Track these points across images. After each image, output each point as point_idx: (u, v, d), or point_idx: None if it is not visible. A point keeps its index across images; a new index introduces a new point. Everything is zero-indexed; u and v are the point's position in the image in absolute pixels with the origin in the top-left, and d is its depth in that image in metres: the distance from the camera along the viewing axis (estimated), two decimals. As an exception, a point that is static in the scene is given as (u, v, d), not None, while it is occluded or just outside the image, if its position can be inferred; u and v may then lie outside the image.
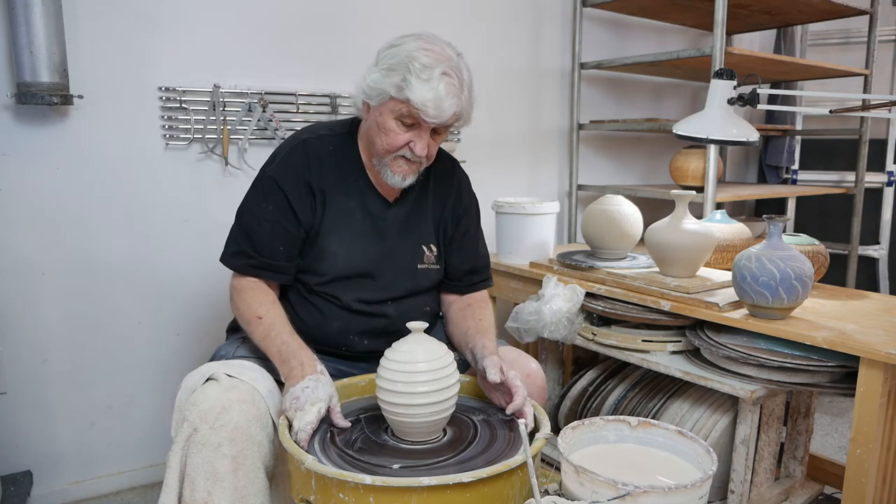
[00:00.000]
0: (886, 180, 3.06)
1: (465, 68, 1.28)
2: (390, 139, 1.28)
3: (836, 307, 1.65)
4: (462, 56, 1.29)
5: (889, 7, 3.07)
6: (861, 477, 1.37)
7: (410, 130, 1.28)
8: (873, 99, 2.10)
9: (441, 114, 1.23)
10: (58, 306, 1.89)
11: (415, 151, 1.28)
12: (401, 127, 1.27)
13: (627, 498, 0.92)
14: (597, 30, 2.78)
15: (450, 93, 1.23)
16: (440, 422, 1.16)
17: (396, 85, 1.23)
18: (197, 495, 1.12)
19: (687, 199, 1.76)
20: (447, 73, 1.23)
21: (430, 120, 1.24)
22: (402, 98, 1.23)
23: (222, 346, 1.43)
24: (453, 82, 1.23)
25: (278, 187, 1.33)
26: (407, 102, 1.23)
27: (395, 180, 1.33)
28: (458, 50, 1.29)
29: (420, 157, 1.30)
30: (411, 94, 1.21)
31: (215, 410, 1.14)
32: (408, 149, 1.29)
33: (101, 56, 1.84)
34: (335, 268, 1.36)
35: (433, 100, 1.21)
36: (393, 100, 1.25)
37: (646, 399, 1.82)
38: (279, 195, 1.33)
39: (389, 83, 1.23)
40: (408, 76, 1.21)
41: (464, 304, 1.49)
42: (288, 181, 1.33)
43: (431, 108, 1.22)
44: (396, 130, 1.27)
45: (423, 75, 1.21)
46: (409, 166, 1.32)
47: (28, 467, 1.90)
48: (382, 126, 1.28)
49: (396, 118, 1.26)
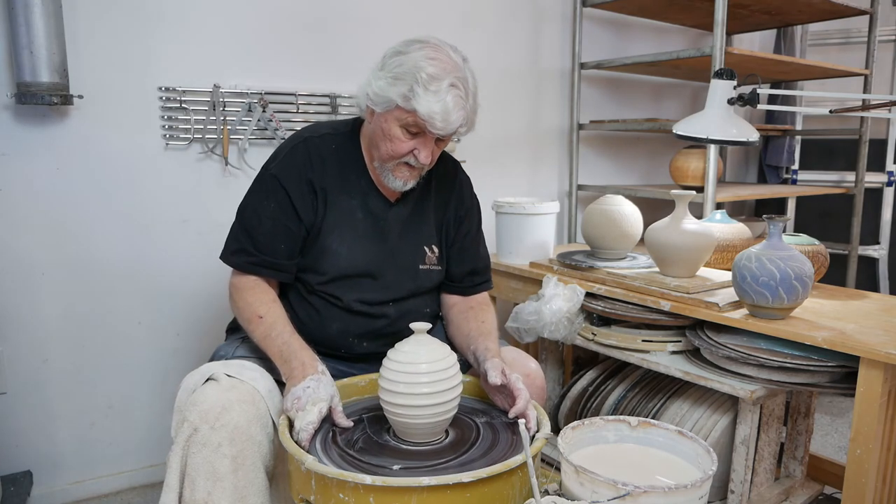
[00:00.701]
0: (886, 180, 3.06)
1: (470, 76, 1.28)
2: (395, 146, 1.28)
3: (836, 307, 1.65)
4: (467, 61, 1.29)
5: (889, 7, 3.07)
6: (861, 477, 1.37)
7: (415, 138, 1.28)
8: (873, 99, 2.10)
9: (448, 126, 1.24)
10: (58, 306, 1.89)
11: (419, 159, 1.29)
12: (406, 135, 1.27)
13: (627, 498, 0.92)
14: (597, 30, 2.78)
15: (457, 105, 1.23)
16: (442, 423, 1.16)
17: (403, 95, 1.22)
18: (197, 495, 1.12)
19: (687, 199, 1.76)
20: (455, 85, 1.22)
21: (437, 132, 1.24)
22: (409, 108, 1.22)
23: (222, 346, 1.43)
24: (460, 94, 1.23)
25: (280, 185, 1.33)
26: (413, 113, 1.22)
27: (396, 185, 1.34)
28: (463, 55, 1.29)
29: (423, 165, 1.31)
30: (419, 105, 1.21)
31: (215, 410, 1.14)
32: (412, 156, 1.29)
33: (101, 56, 1.84)
34: (336, 267, 1.36)
35: (441, 112, 1.21)
36: (399, 108, 1.24)
37: (646, 399, 1.82)
38: (281, 193, 1.33)
39: (396, 92, 1.23)
40: (415, 87, 1.21)
41: (466, 306, 1.49)
42: (290, 179, 1.33)
43: (439, 121, 1.22)
44: (401, 138, 1.27)
45: (431, 87, 1.20)
46: (412, 172, 1.33)
47: (28, 467, 1.90)
48: (387, 133, 1.28)
49: (402, 126, 1.26)
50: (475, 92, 1.29)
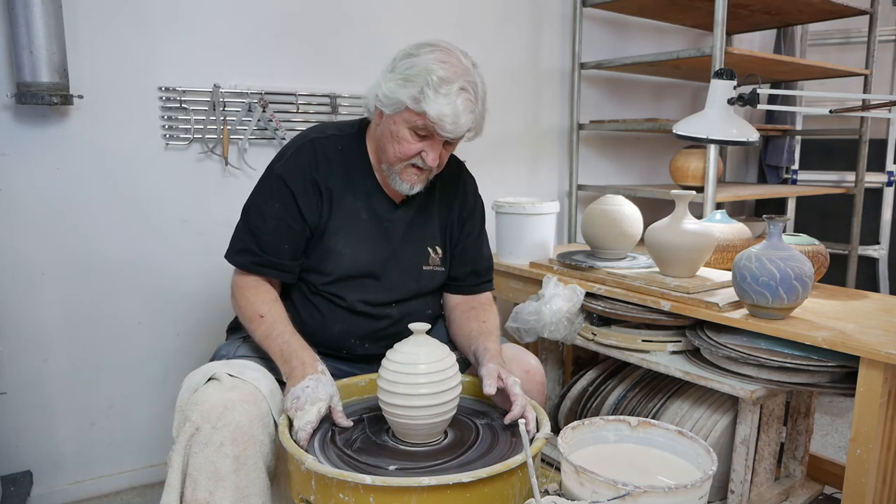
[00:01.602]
0: (886, 180, 3.06)
1: (479, 81, 1.29)
2: (403, 148, 1.28)
3: (836, 307, 1.65)
4: (477, 67, 1.29)
5: (889, 7, 3.07)
6: (861, 477, 1.37)
7: (423, 141, 1.28)
8: (873, 99, 2.10)
9: (457, 129, 1.24)
10: (58, 306, 1.89)
11: (426, 161, 1.29)
12: (414, 137, 1.28)
13: (627, 498, 0.92)
14: (597, 30, 2.78)
15: (467, 108, 1.23)
16: (441, 424, 1.16)
17: (413, 97, 1.23)
18: (199, 495, 1.12)
19: (687, 199, 1.76)
20: (465, 89, 1.23)
21: (446, 135, 1.25)
22: (419, 111, 1.23)
23: (223, 345, 1.43)
24: (470, 97, 1.24)
25: (285, 185, 1.33)
26: (423, 115, 1.23)
27: (403, 188, 1.34)
28: (473, 60, 1.29)
29: (430, 167, 1.31)
30: (428, 107, 1.21)
31: (217, 410, 1.14)
32: (419, 158, 1.30)
33: (101, 56, 1.84)
34: (341, 267, 1.36)
35: (451, 115, 1.22)
36: (408, 111, 1.25)
37: (646, 399, 1.82)
38: (286, 193, 1.33)
39: (406, 94, 1.23)
40: (426, 89, 1.21)
41: (468, 306, 1.49)
42: (295, 179, 1.34)
43: (449, 124, 1.23)
44: (410, 140, 1.28)
45: (442, 90, 1.21)
46: (419, 175, 1.33)
47: (28, 467, 1.90)
48: (396, 135, 1.28)
49: (410, 129, 1.27)
50: (484, 97, 1.30)
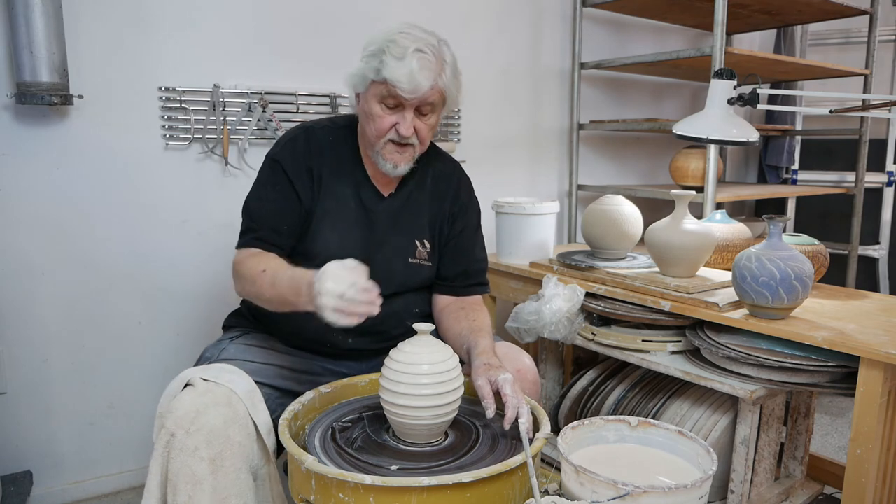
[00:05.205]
0: (886, 180, 3.06)
1: (446, 50, 1.33)
2: (377, 123, 1.32)
3: (836, 307, 1.65)
4: (446, 42, 1.33)
5: (889, 7, 3.07)
6: (861, 477, 1.37)
7: (395, 112, 1.31)
8: (873, 99, 2.10)
9: (417, 88, 1.26)
10: (58, 306, 1.89)
11: (400, 132, 1.31)
12: (385, 110, 1.31)
13: (627, 498, 0.92)
14: (597, 30, 2.78)
15: (424, 66, 1.26)
16: (442, 425, 1.16)
17: (375, 68, 1.27)
18: (179, 499, 1.12)
19: (687, 199, 1.76)
20: (421, 50, 1.26)
21: (408, 96, 1.27)
22: (380, 79, 1.27)
23: (209, 347, 1.43)
24: (428, 58, 1.27)
25: (281, 168, 1.37)
26: (385, 83, 1.26)
27: (387, 167, 1.36)
28: (441, 37, 1.33)
29: (406, 138, 1.32)
30: (387, 72, 1.25)
31: (190, 415, 1.14)
32: (394, 131, 1.32)
33: (101, 56, 1.84)
34: (326, 251, 1.34)
35: (407, 74, 1.24)
36: (374, 83, 1.29)
37: (646, 399, 1.82)
38: (281, 175, 1.37)
39: (369, 68, 1.29)
40: (383, 57, 1.26)
41: (457, 306, 1.48)
42: (290, 162, 1.38)
43: (406, 83, 1.25)
44: (381, 114, 1.31)
45: (397, 53, 1.25)
46: (401, 153, 1.35)
47: (28, 467, 1.90)
48: (369, 112, 1.32)
49: (380, 101, 1.30)
50: (454, 66, 1.33)
